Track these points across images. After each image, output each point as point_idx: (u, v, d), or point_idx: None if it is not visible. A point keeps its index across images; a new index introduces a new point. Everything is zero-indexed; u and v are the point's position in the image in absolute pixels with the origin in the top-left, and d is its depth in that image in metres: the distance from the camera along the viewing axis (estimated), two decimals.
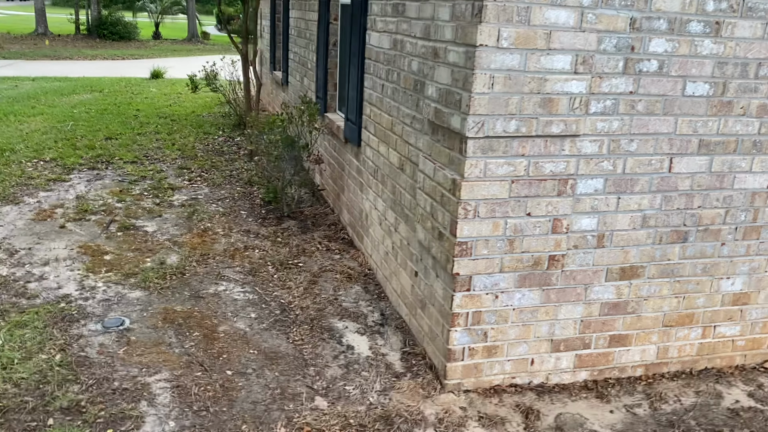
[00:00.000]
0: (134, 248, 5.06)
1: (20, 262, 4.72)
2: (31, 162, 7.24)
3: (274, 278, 4.62)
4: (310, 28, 6.93)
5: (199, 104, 11.44)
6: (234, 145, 8.48)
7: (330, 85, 6.19)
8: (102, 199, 6.14)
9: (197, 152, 7.94)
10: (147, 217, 5.74)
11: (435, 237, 3.42)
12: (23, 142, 8.05)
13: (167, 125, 9.39)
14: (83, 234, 5.31)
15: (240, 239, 5.30)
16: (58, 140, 8.21)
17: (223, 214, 5.90)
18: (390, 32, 4.19)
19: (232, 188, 6.67)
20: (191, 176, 6.98)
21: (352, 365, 3.59)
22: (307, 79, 7.18)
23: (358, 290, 4.50)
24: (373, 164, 4.66)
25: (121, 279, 4.50)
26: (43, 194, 6.23)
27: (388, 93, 4.25)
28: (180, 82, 14.19)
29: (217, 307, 4.18)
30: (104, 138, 8.48)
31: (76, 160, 7.31)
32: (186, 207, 6.04)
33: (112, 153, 7.69)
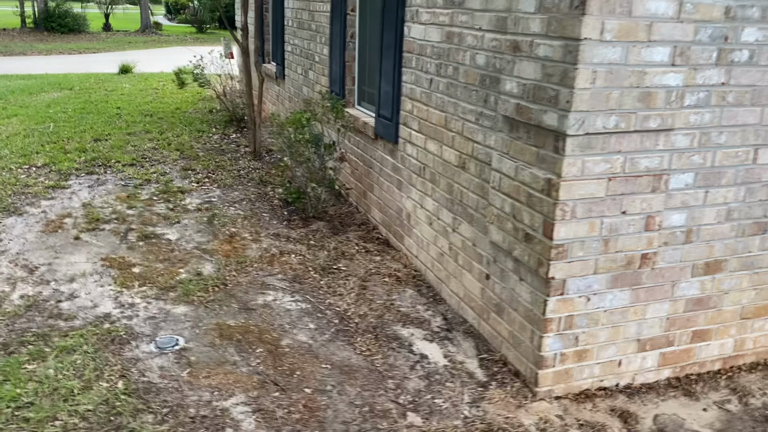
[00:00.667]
0: (162, 258, 4.78)
1: (44, 280, 4.40)
2: (22, 168, 6.81)
3: (321, 284, 4.42)
4: (317, 19, 6.67)
5: (180, 100, 11.01)
6: (232, 143, 8.17)
7: (348, 80, 5.97)
8: (110, 206, 5.81)
9: (197, 152, 7.61)
10: (165, 224, 5.44)
11: (519, 239, 3.28)
12: (6, 146, 7.58)
13: (155, 124, 9.00)
14: (102, 245, 5.00)
15: (272, 244, 5.07)
16: (44, 143, 7.76)
17: (245, 217, 5.65)
18: (441, 24, 4.01)
19: (245, 189, 6.39)
20: (198, 178, 6.68)
21: (432, 376, 3.44)
22: (315, 73, 6.93)
23: (411, 294, 4.34)
24: (418, 162, 4.48)
25: (159, 293, 4.24)
26: (46, 203, 5.86)
27: (440, 88, 4.08)
28: (152, 77, 13.68)
29: (271, 319, 3.96)
30: (93, 139, 8.05)
31: (70, 165, 6.91)
32: (203, 211, 5.75)
33: (106, 155, 7.30)
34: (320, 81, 6.74)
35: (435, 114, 4.18)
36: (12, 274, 4.48)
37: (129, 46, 24.33)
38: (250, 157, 7.44)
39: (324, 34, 6.49)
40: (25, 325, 3.81)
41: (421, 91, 4.35)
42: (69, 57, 20.09)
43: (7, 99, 10.86)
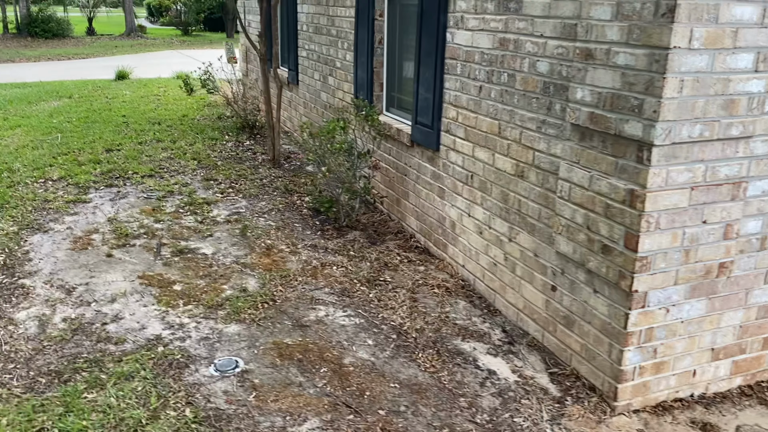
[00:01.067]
0: (202, 275, 4.66)
1: (84, 301, 4.26)
2: (38, 182, 6.64)
3: (371, 298, 4.33)
4: (339, 24, 6.57)
5: (185, 106, 10.84)
6: (247, 150, 8.03)
7: (376, 86, 5.87)
8: (137, 221, 5.67)
9: (215, 161, 7.48)
10: (197, 238, 5.32)
11: (595, 250, 3.21)
12: (17, 159, 7.39)
13: (165, 132, 8.83)
14: (136, 262, 4.87)
15: (312, 256, 4.97)
16: (56, 155, 7.58)
17: (277, 228, 5.54)
18: (492, 31, 3.93)
19: (272, 199, 6.28)
20: (222, 188, 6.55)
21: (505, 393, 3.37)
22: (335, 79, 6.82)
23: (464, 305, 4.26)
24: (464, 170, 4.40)
25: (207, 312, 4.12)
26: (69, 219, 5.70)
27: (492, 96, 4.00)
28: (151, 83, 13.48)
29: (328, 336, 3.86)
30: (104, 150, 7.89)
31: (87, 178, 6.74)
32: (233, 223, 5.63)
33: (122, 167, 7.14)
34: (342, 87, 6.63)
35: (486, 122, 4.10)
36: (49, 295, 4.34)
37: (116, 50, 24.00)
38: (270, 165, 7.31)
39: (347, 39, 6.39)
40: (75, 351, 3.69)
41: (468, 99, 4.27)
42: (58, 63, 19.77)
43: (6, 109, 10.63)
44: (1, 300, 4.28)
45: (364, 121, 5.42)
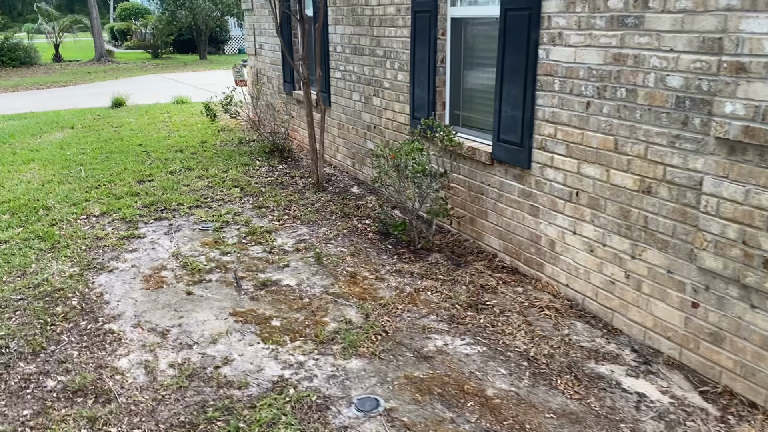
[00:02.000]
0: (296, 308, 4.48)
1: (183, 344, 4.06)
2: (80, 219, 6.37)
3: (482, 323, 4.21)
4: (387, 44, 6.47)
5: (199, 132, 10.60)
6: (285, 174, 7.85)
7: (438, 105, 5.79)
8: (202, 254, 5.46)
9: (257, 187, 7.28)
10: (273, 269, 5.14)
11: (754, 265, 3.15)
12: (47, 195, 7.10)
13: (192, 159, 8.60)
14: (220, 298, 4.67)
15: (400, 282, 4.83)
16: (88, 189, 7.30)
17: (351, 254, 5.39)
18: (603, 46, 3.88)
19: (332, 224, 6.12)
20: (277, 215, 6.37)
21: (665, 416, 3.28)
22: (382, 99, 6.72)
23: (582, 326, 4.17)
24: (567, 187, 4.33)
25: (319, 348, 3.95)
26: (130, 256, 5.46)
27: (604, 111, 3.94)
28: (152, 109, 13.17)
29: (457, 366, 3.73)
30: (136, 181, 7.63)
31: (131, 211, 6.49)
32: (303, 251, 5.47)
33: (164, 198, 6.90)
34: (393, 107, 6.53)
35: (596, 137, 4.04)
36: (144, 339, 4.12)
37: (91, 76, 23.48)
38: (314, 189, 7.15)
39: (398, 59, 6.29)
40: (198, 398, 3.49)
41: (571, 115, 4.21)
42: (39, 92, 19.24)
43: (10, 143, 10.26)
44: (94, 348, 4.04)
45: (437, 141, 5.32)
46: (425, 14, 5.68)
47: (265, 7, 10.03)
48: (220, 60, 30.74)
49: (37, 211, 6.59)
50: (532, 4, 4.39)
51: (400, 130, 6.47)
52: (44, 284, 4.93)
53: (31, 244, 5.71)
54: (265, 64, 10.49)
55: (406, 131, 6.35)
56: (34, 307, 4.56)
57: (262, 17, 10.23)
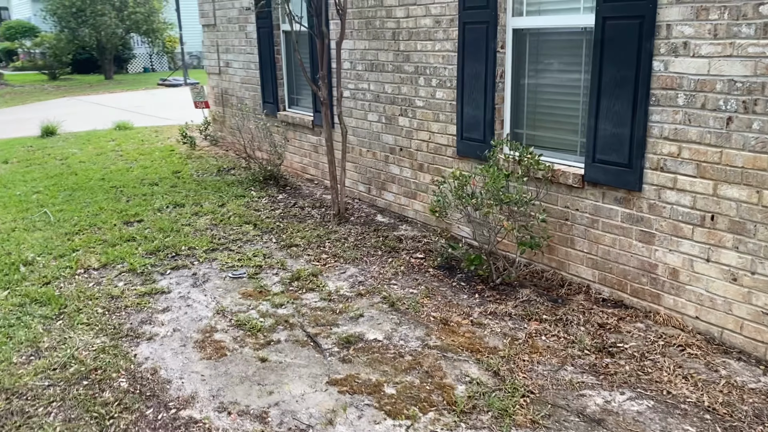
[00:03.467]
0: (403, 369, 3.83)
1: (297, 429, 3.31)
2: (78, 275, 5.37)
3: (629, 370, 3.73)
4: (421, 59, 5.92)
5: (164, 161, 9.55)
6: (293, 205, 7.08)
7: (497, 124, 5.29)
8: (251, 308, 4.68)
9: (271, 222, 6.49)
10: (346, 320, 4.45)
11: None
12: (20, 247, 6.01)
13: (175, 193, 7.64)
14: (304, 363, 3.94)
15: (503, 326, 4.27)
16: (69, 236, 6.25)
17: (425, 296, 4.77)
18: (751, 56, 3.52)
19: (381, 261, 5.47)
20: (312, 255, 5.63)
21: None
22: (413, 119, 6.14)
23: (737, 364, 3.77)
24: (697, 210, 3.94)
25: (465, 419, 3.33)
26: (164, 317, 4.60)
27: (756, 127, 3.58)
28: (92, 137, 11.89)
29: (640, 427, 3.22)
30: (123, 223, 6.63)
31: (139, 261, 5.56)
32: (368, 296, 4.80)
33: (169, 242, 5.99)
34: (430, 127, 5.97)
35: (741, 156, 3.67)
36: (240, 427, 3.34)
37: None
38: (337, 221, 6.45)
39: (437, 75, 5.75)
40: None
41: (704, 132, 3.83)
42: None
43: None
44: None
45: (517, 164, 4.82)
46: (480, 26, 5.18)
47: (234, 22, 9.21)
48: (128, 79, 28.95)
49: (17, 268, 5.52)
50: (645, 12, 3.98)
51: (440, 152, 5.91)
52: (72, 363, 4.00)
53: (29, 311, 4.70)
54: (233, 83, 9.63)
55: (448, 153, 5.81)
56: (74, 396, 3.65)
57: (229, 33, 9.39)
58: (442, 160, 5.91)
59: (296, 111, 8.34)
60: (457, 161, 5.73)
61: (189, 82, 24.18)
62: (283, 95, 8.51)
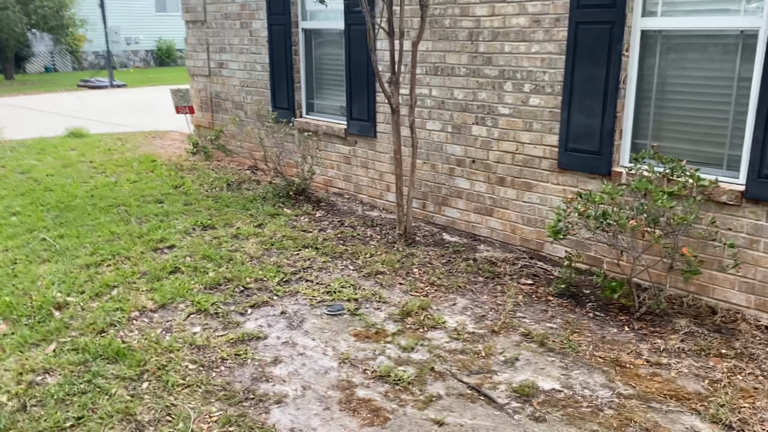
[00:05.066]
0: (615, 426, 3.25)
1: None
2: (136, 319, 4.41)
3: None
4: (505, 62, 5.36)
5: (152, 173, 8.41)
6: (343, 226, 6.29)
7: (616, 134, 4.81)
8: (378, 353, 3.95)
9: (330, 246, 5.68)
10: (500, 365, 3.82)
11: None
12: (33, 283, 4.93)
13: (194, 213, 6.64)
14: (491, 425, 3.29)
15: (686, 365, 3.79)
16: (91, 268, 5.20)
17: (571, 330, 4.21)
18: None
19: (490, 289, 4.85)
20: (408, 284, 4.93)
21: None
22: (492, 128, 5.57)
23: None
24: None
25: None
26: (280, 371, 3.78)
27: None
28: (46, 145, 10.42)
29: None
30: (152, 249, 5.63)
31: (202, 299, 4.65)
32: (505, 334, 4.19)
33: (228, 274, 5.07)
34: (517, 137, 5.42)
35: None
36: None
37: None
38: (404, 242, 5.76)
39: (532, 80, 5.21)
40: None
41: None
42: None
43: None
44: None
45: (663, 179, 4.35)
46: (600, 26, 4.68)
47: (230, 18, 8.27)
48: (32, 80, 26.50)
49: (48, 313, 4.47)
50: None
51: (531, 164, 5.37)
52: None
53: (99, 371, 3.75)
54: (228, 86, 8.67)
55: (544, 165, 5.28)
56: None
57: (226, 30, 8.43)
58: (533, 174, 5.36)
59: (318, 118, 7.54)
60: (556, 175, 5.21)
61: (115, 83, 22.35)
62: (300, 100, 7.69)
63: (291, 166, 7.79)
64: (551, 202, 5.29)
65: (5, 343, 4.09)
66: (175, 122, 12.87)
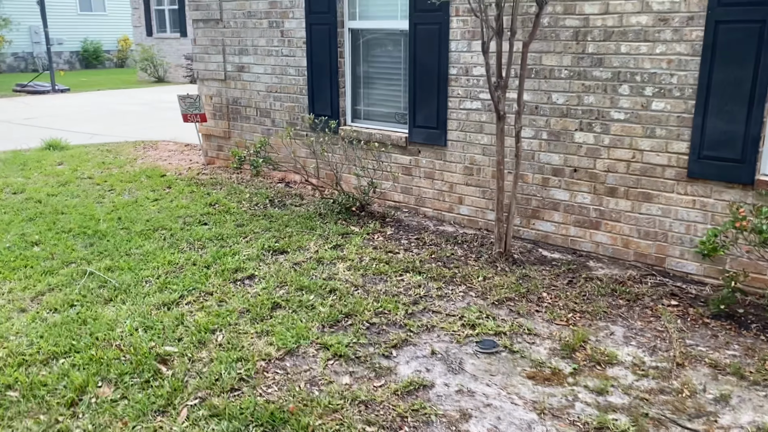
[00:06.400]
0: None
1: None
2: (264, 372, 3.74)
3: None
4: (622, 63, 4.98)
5: (163, 189, 7.56)
6: (427, 245, 5.72)
7: (761, 141, 4.50)
8: (572, 398, 3.47)
9: (438, 268, 5.12)
10: (714, 405, 3.40)
11: None
12: (119, 333, 4.17)
13: (254, 235, 5.92)
14: None
15: None
16: (169, 308, 4.47)
17: (763, 358, 3.85)
18: None
19: (640, 315, 4.43)
20: (549, 312, 4.45)
21: None
22: (601, 135, 5.17)
23: None
24: None
25: None
26: (475, 428, 3.23)
27: None
28: (26, 159, 9.30)
29: None
30: (231, 282, 4.92)
31: (332, 341, 4.02)
32: (692, 367, 3.79)
33: (343, 309, 4.45)
34: (635, 144, 5.03)
35: None
36: None
37: None
38: (506, 261, 5.27)
39: (655, 83, 4.84)
40: None
41: None
42: None
43: None
44: None
45: None
46: (747, 25, 4.35)
47: (254, 17, 7.55)
48: None
49: (154, 369, 3.74)
50: None
51: (652, 173, 5.00)
52: None
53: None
54: (251, 92, 7.92)
55: (668, 174, 4.92)
56: None
57: (248, 30, 7.69)
58: (654, 183, 4.99)
59: (368, 126, 6.94)
60: (683, 184, 4.86)
61: (58, 88, 20.68)
62: (345, 107, 7.07)
63: (332, 178, 7.15)
64: (676, 214, 4.93)
65: (122, 412, 3.35)
66: (153, 131, 11.93)
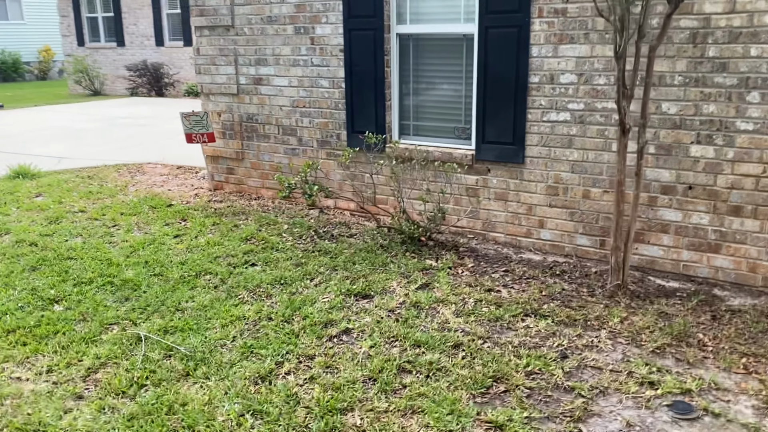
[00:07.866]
0: None
1: None
2: None
3: None
4: (751, 68, 4.44)
5: (178, 221, 6.58)
6: (522, 279, 5.03)
7: None
8: None
9: (553, 308, 4.44)
10: None
11: None
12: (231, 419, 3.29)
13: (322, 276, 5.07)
14: None
15: None
16: (270, 382, 3.62)
17: None
18: None
19: None
20: (710, 357, 3.83)
21: None
22: (723, 148, 4.64)
23: None
24: None
25: None
26: None
27: None
28: (10, 189, 8.03)
29: None
30: (326, 339, 4.08)
31: (501, 417, 3.27)
32: None
33: (481, 371, 3.71)
34: (766, 158, 4.51)
35: None
36: None
37: None
38: (625, 296, 4.65)
39: None
40: None
41: None
42: None
43: None
44: None
45: None
46: None
47: (276, 23, 6.70)
48: None
49: None
50: None
51: None
52: None
53: None
54: (271, 107, 7.03)
55: None
56: None
57: (268, 38, 6.81)
58: None
59: (422, 142, 6.20)
60: None
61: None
62: (392, 122, 6.30)
63: (380, 203, 6.38)
64: None
65: None
66: (125, 151, 10.81)
